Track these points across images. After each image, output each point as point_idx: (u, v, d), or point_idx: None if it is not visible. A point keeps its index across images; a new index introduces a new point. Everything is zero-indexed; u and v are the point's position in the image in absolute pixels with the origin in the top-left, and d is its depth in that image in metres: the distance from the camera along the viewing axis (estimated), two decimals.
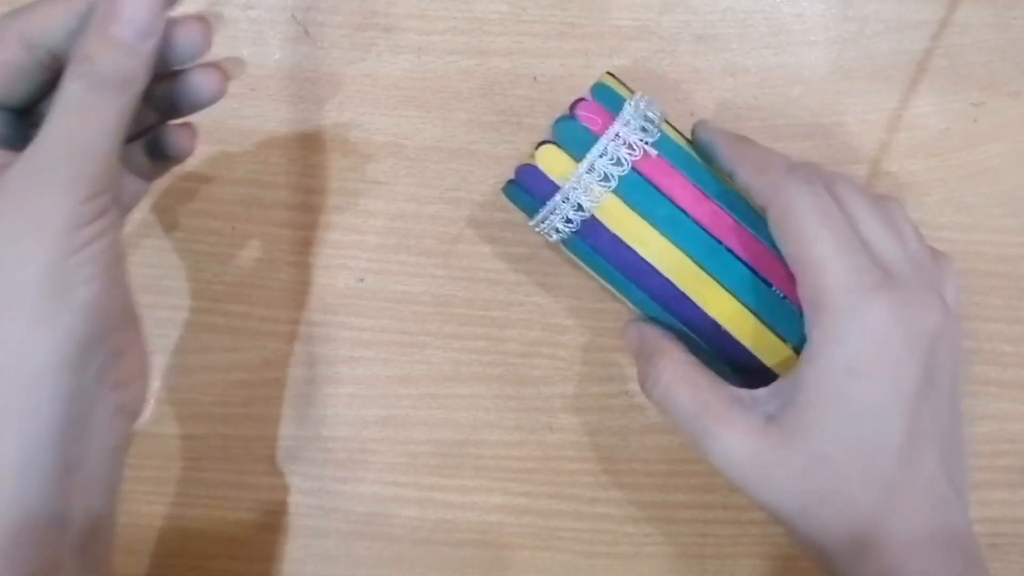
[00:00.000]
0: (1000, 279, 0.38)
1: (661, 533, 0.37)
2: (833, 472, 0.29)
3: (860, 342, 0.29)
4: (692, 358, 0.32)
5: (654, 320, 0.34)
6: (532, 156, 0.33)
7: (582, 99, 0.34)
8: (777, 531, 0.37)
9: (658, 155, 0.32)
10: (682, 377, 0.31)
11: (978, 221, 0.38)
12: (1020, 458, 0.38)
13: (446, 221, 0.38)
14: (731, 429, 0.30)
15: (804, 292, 0.30)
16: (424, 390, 0.38)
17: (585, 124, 0.32)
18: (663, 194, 0.32)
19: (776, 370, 0.33)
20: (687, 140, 0.34)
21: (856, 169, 0.38)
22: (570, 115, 0.33)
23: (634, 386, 0.37)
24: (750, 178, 0.32)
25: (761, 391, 0.31)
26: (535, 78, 0.38)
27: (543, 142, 0.33)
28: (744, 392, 0.31)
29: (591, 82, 0.37)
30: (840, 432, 0.29)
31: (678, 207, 0.32)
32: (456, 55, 0.38)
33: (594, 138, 0.32)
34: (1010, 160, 0.38)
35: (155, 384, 0.38)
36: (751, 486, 0.30)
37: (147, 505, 0.37)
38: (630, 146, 0.32)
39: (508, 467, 0.38)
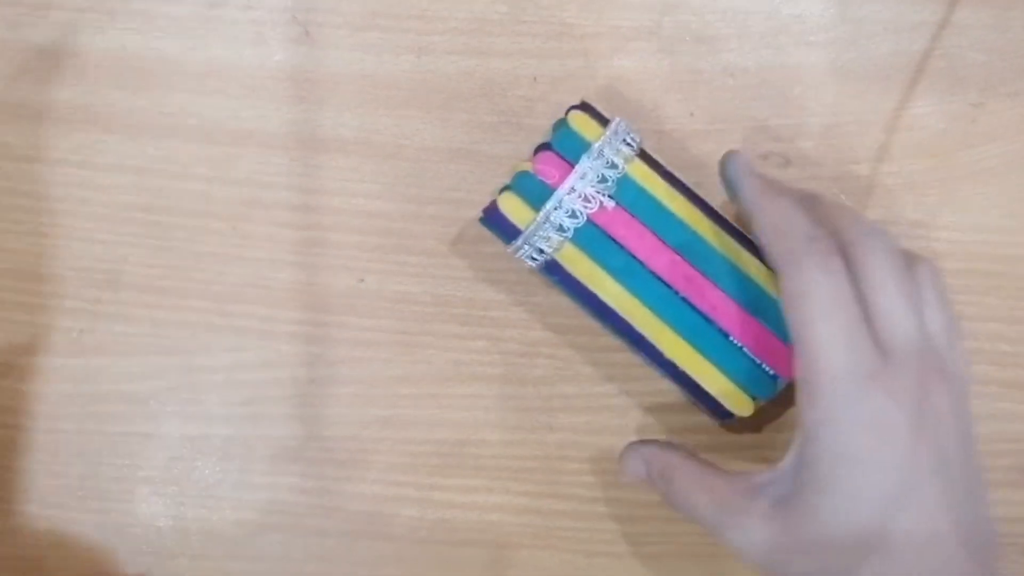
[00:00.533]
0: (1000, 279, 0.38)
1: (661, 532, 0.37)
2: (831, 555, 0.29)
3: (853, 429, 0.29)
4: (700, 462, 0.33)
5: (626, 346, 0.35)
6: (496, 200, 0.34)
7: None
8: None
9: (616, 206, 0.33)
10: (698, 485, 0.32)
11: (978, 221, 0.38)
12: (1020, 458, 0.38)
13: (446, 221, 0.38)
14: (747, 518, 0.30)
15: (800, 372, 0.30)
16: (424, 390, 0.38)
17: (541, 178, 0.33)
18: (619, 245, 0.33)
19: (735, 412, 0.34)
20: (663, 173, 0.34)
21: (856, 169, 0.38)
22: (529, 168, 0.34)
23: (634, 386, 0.38)
24: (767, 238, 0.32)
25: (769, 473, 0.31)
26: (535, 78, 0.38)
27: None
28: (758, 477, 0.31)
29: (591, 83, 0.37)
30: (835, 516, 0.29)
31: (634, 257, 0.33)
32: (456, 55, 0.38)
33: (550, 191, 0.33)
34: (1009, 160, 0.38)
35: (155, 384, 0.38)
36: (771, 570, 0.30)
37: (147, 505, 0.37)
38: (586, 198, 0.33)
39: (508, 467, 0.38)
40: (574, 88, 0.38)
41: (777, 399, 0.34)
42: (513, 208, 0.34)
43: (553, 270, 0.34)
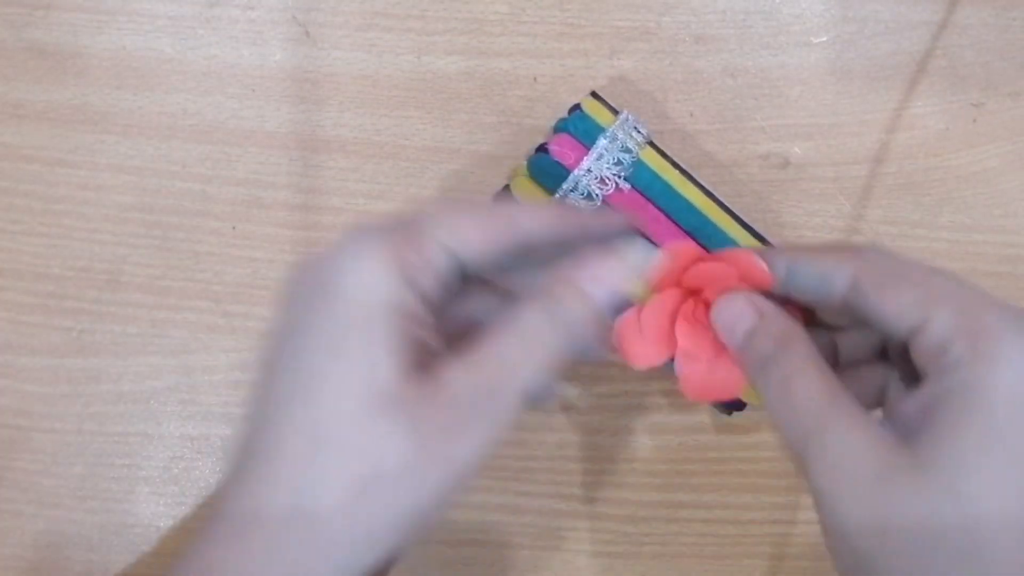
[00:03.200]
0: (1000, 279, 0.38)
1: (661, 533, 0.37)
2: (978, 529, 0.23)
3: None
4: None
5: None
6: (509, 183, 0.34)
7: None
8: (777, 531, 0.37)
9: (631, 188, 0.33)
10: (816, 365, 0.26)
11: (977, 221, 0.38)
12: None
13: None
14: (861, 430, 0.25)
15: (943, 327, 0.25)
16: None
17: (557, 159, 0.33)
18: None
19: (748, 400, 0.34)
20: (672, 163, 0.34)
21: (856, 169, 0.38)
22: (543, 149, 0.33)
23: (634, 386, 0.37)
24: (813, 261, 0.28)
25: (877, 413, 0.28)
26: (535, 79, 0.38)
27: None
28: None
29: (591, 83, 0.37)
30: (998, 479, 0.23)
31: (649, 241, 0.33)
32: (456, 56, 0.38)
33: (566, 173, 0.33)
34: (1009, 160, 0.38)
35: (155, 384, 0.38)
36: (859, 504, 0.24)
37: (147, 505, 0.37)
38: (602, 180, 0.33)
39: (508, 467, 0.38)
40: (574, 88, 0.38)
41: None
42: (527, 193, 0.33)
43: None
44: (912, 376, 0.27)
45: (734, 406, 0.34)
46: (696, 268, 0.30)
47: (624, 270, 0.28)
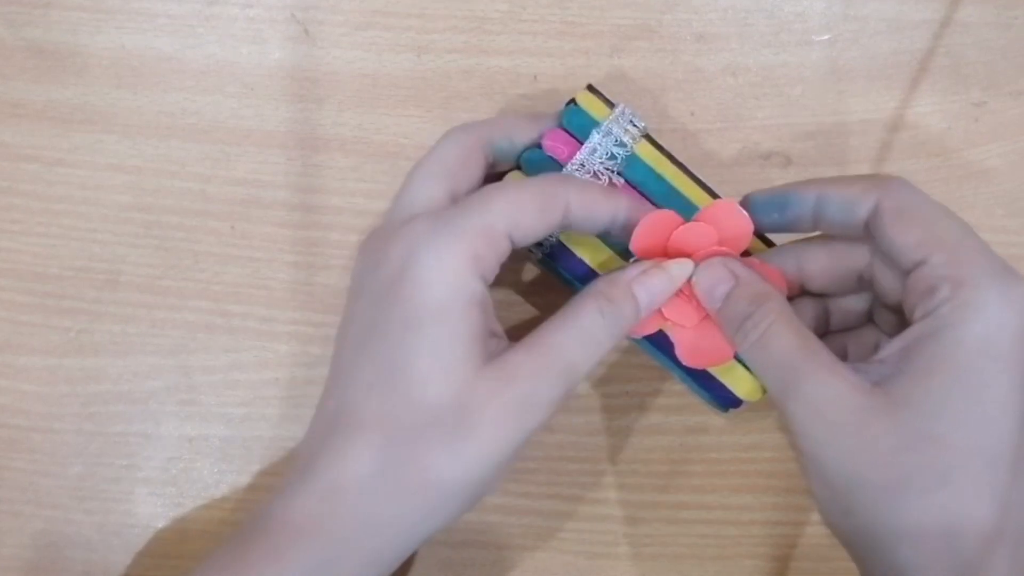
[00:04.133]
0: None
1: (661, 534, 0.37)
2: (946, 459, 0.26)
3: (1005, 320, 0.26)
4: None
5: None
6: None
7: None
8: (779, 532, 0.37)
9: (625, 183, 0.33)
10: (790, 321, 0.29)
11: (979, 221, 0.38)
12: None
13: None
14: (836, 378, 0.27)
15: (935, 271, 0.27)
16: None
17: (550, 153, 0.33)
18: None
19: (744, 397, 0.33)
20: (668, 156, 0.34)
21: (857, 168, 0.38)
22: (537, 144, 0.33)
23: (634, 386, 0.37)
24: (841, 189, 0.30)
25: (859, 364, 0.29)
26: (535, 77, 0.38)
27: (515, 167, 0.34)
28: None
29: (591, 81, 0.37)
30: (962, 416, 0.26)
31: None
32: (456, 54, 0.38)
33: (559, 167, 0.33)
34: (1011, 160, 0.38)
35: (154, 384, 0.38)
36: (836, 447, 0.27)
37: (146, 506, 0.37)
38: (595, 175, 0.33)
39: None
40: (575, 87, 0.37)
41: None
42: None
43: (559, 255, 0.33)
44: (895, 333, 0.29)
45: (730, 403, 0.34)
46: (678, 232, 0.31)
47: (670, 283, 0.31)
